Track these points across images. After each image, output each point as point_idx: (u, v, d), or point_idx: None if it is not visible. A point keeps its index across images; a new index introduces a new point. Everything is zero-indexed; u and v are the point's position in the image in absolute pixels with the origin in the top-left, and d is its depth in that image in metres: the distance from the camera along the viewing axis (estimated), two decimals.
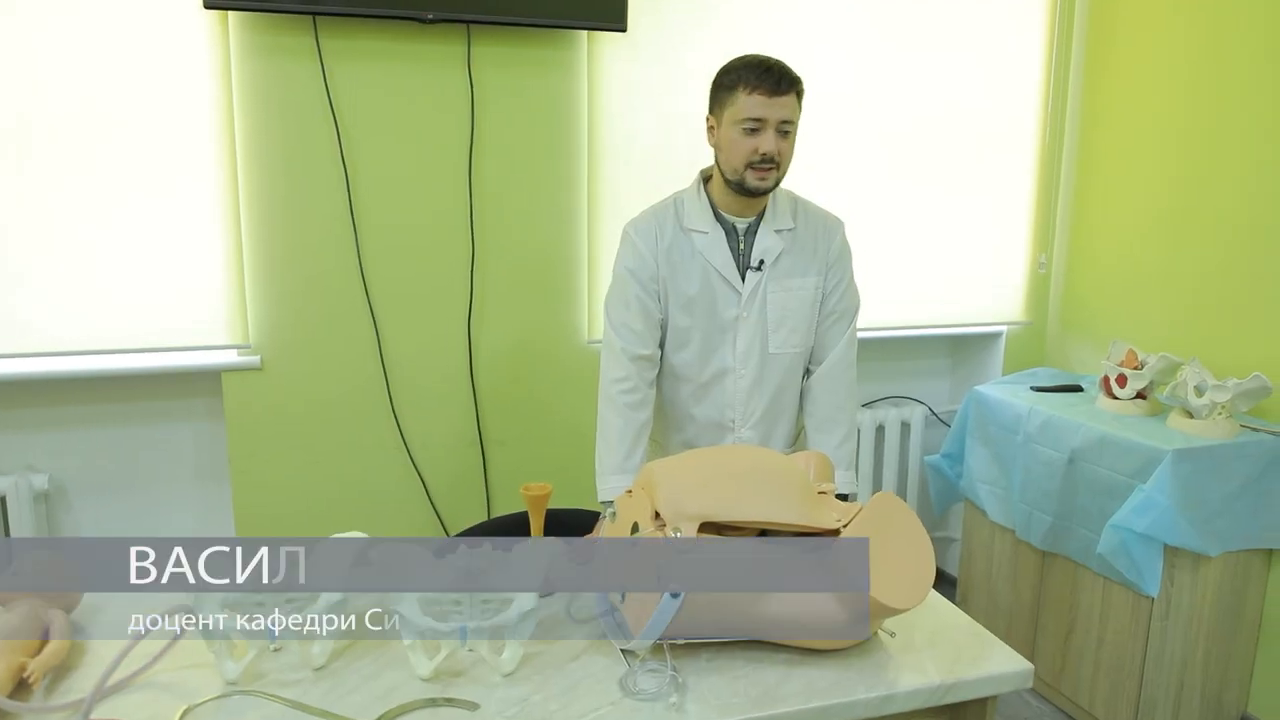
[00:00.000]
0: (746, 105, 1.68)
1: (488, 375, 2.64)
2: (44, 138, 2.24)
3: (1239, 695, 2.51)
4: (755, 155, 1.69)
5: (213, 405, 2.54)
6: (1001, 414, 2.75)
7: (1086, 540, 2.45)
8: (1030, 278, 3.20)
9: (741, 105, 1.69)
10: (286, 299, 2.45)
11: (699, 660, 1.29)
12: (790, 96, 1.69)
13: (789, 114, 1.70)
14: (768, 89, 1.67)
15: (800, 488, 1.32)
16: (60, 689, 1.20)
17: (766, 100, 1.67)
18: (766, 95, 1.67)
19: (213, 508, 2.61)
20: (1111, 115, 2.94)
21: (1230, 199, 2.55)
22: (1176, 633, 2.35)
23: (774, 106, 1.68)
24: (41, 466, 2.45)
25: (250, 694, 1.19)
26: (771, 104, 1.68)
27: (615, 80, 2.63)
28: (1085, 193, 3.06)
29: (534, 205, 2.61)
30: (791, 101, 1.70)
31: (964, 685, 1.27)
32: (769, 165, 1.70)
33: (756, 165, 1.70)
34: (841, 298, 1.88)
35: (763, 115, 1.68)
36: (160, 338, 2.39)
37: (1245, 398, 2.33)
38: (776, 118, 1.69)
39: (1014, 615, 2.79)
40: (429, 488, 2.64)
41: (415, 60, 2.44)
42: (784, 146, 1.71)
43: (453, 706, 1.17)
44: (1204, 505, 2.28)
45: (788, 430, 1.93)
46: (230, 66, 2.33)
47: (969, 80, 2.98)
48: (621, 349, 1.82)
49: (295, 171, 2.40)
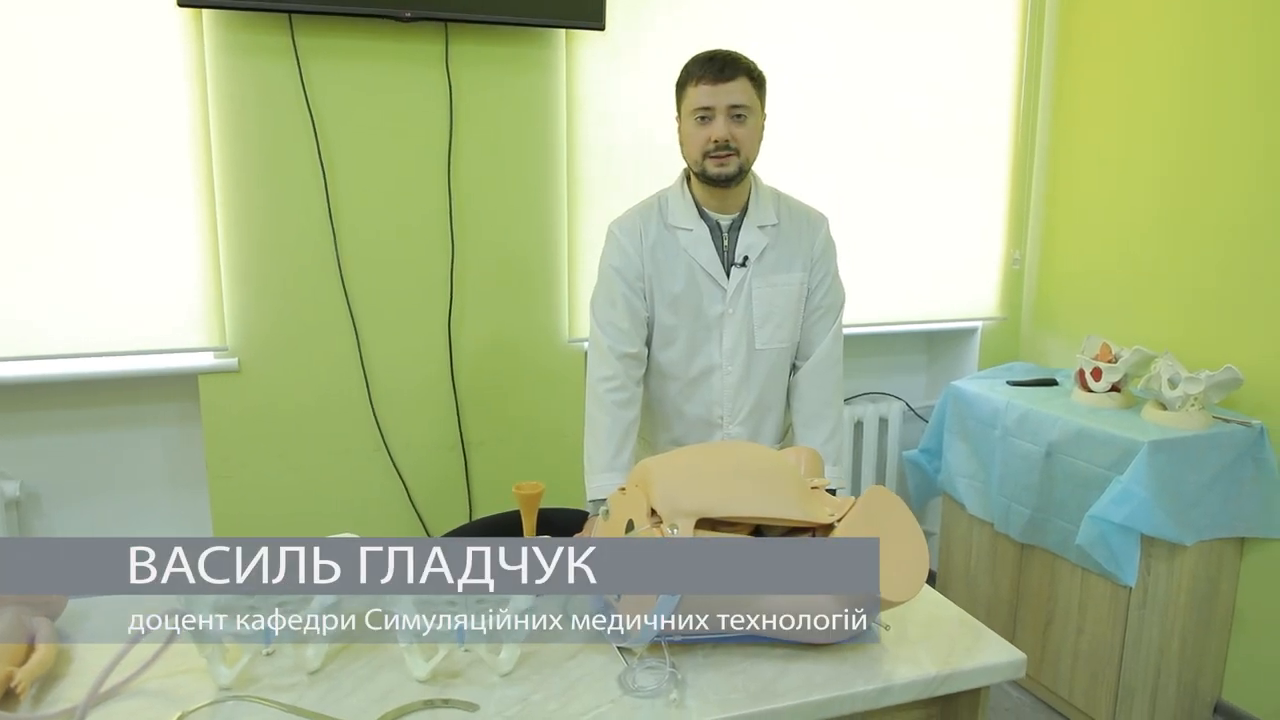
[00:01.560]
0: (695, 96, 1.73)
1: (468, 376, 2.63)
2: (13, 139, 2.19)
3: (1214, 682, 2.56)
4: (709, 143, 1.73)
5: (189, 409, 2.51)
6: (979, 408, 2.78)
7: (1064, 532, 2.49)
8: (1005, 274, 3.23)
9: (691, 97, 1.74)
10: (264, 300, 2.42)
11: (696, 657, 1.29)
12: (738, 82, 1.72)
13: (739, 99, 1.72)
14: (712, 77, 1.71)
15: (794, 483, 1.33)
16: (48, 698, 1.18)
17: (712, 88, 1.71)
18: (711, 83, 1.71)
19: (189, 513, 2.57)
20: (1082, 113, 2.99)
21: (1201, 195, 2.60)
22: (1153, 622, 2.39)
23: (720, 93, 1.71)
24: (13, 473, 2.40)
25: (245, 699, 1.17)
26: (717, 90, 1.71)
27: (593, 79, 2.63)
28: (1057, 190, 3.11)
29: (513, 204, 2.60)
30: (740, 86, 1.72)
31: (959, 676, 1.28)
32: (726, 152, 1.73)
33: (712, 153, 1.73)
34: (827, 293, 1.89)
35: (710, 103, 1.71)
36: (135, 341, 2.35)
37: (1217, 389, 2.37)
38: (725, 103, 1.71)
39: (993, 607, 2.82)
40: (410, 490, 2.62)
41: (393, 59, 2.42)
42: (740, 132, 1.73)
43: (451, 708, 1.16)
44: (1179, 495, 2.32)
45: (775, 426, 1.94)
46: (205, 66, 2.29)
47: (942, 80, 3.02)
48: (608, 347, 1.82)
49: (272, 171, 2.37)
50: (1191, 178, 2.62)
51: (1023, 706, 2.69)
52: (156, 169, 2.31)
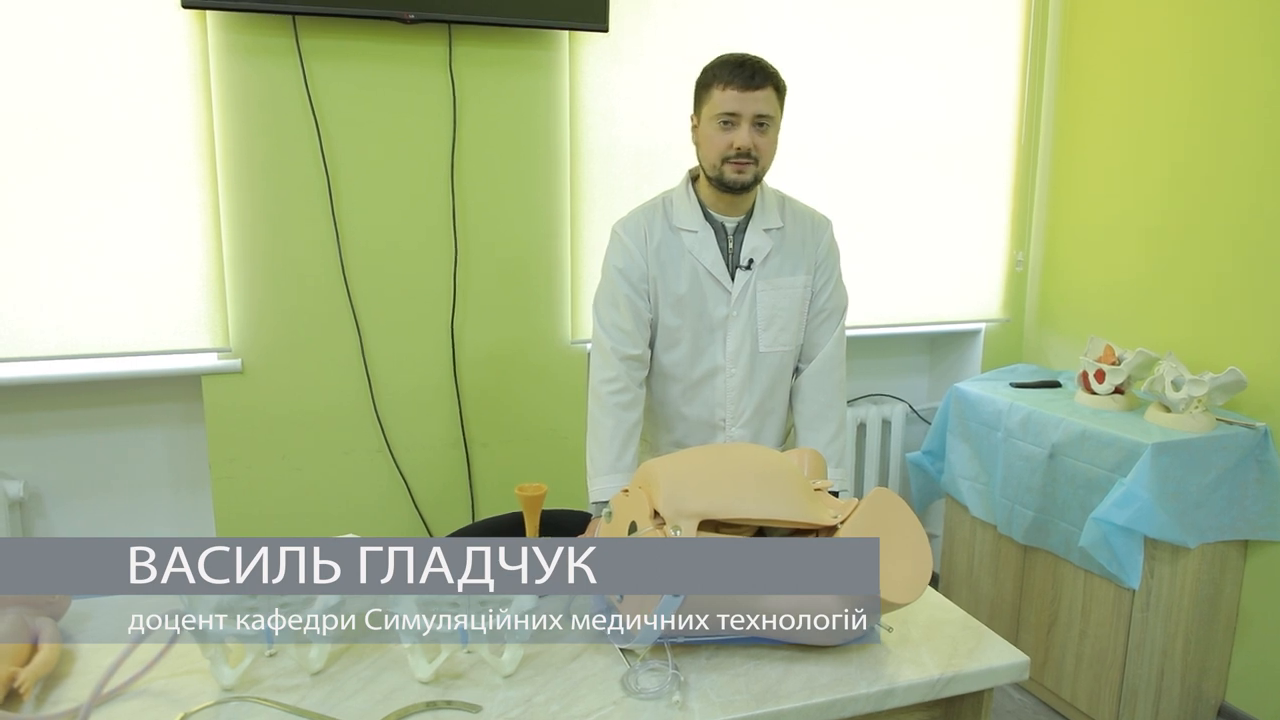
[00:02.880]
0: (721, 101, 1.72)
1: (471, 377, 2.63)
2: (16, 140, 2.20)
3: (1217, 685, 2.55)
4: (730, 150, 1.72)
5: (192, 410, 2.51)
6: (982, 410, 2.78)
7: (1067, 534, 2.48)
8: (1008, 275, 3.23)
9: (717, 101, 1.72)
10: (268, 301, 2.42)
11: (699, 658, 1.29)
12: (765, 91, 1.71)
13: (764, 109, 1.71)
14: (741, 84, 1.70)
15: (798, 484, 1.33)
16: (51, 698, 1.18)
17: (740, 95, 1.70)
18: (740, 90, 1.70)
19: (192, 514, 2.57)
20: (1086, 114, 2.99)
21: (1205, 196, 2.59)
22: (1157, 624, 2.38)
23: (747, 101, 1.70)
24: (16, 473, 2.40)
25: (247, 700, 1.17)
26: (745, 98, 1.70)
27: (597, 81, 2.63)
28: (1061, 191, 3.11)
29: (516, 206, 2.60)
30: (767, 96, 1.71)
31: (962, 678, 1.28)
32: (746, 160, 1.72)
33: (733, 159, 1.73)
34: (830, 296, 1.89)
35: (736, 110, 1.70)
36: (139, 341, 2.35)
37: (1221, 391, 2.37)
38: (750, 112, 1.71)
39: (996, 610, 2.82)
40: (413, 491, 2.62)
41: (396, 60, 2.42)
42: (761, 141, 1.73)
43: (454, 709, 1.16)
44: (1182, 498, 2.31)
45: (778, 429, 1.93)
46: (209, 67, 2.30)
47: (946, 82, 3.02)
48: (611, 349, 1.82)
49: (276, 172, 2.38)
50: (1195, 179, 2.62)
51: (1025, 709, 2.68)
52: (160, 170, 2.31)
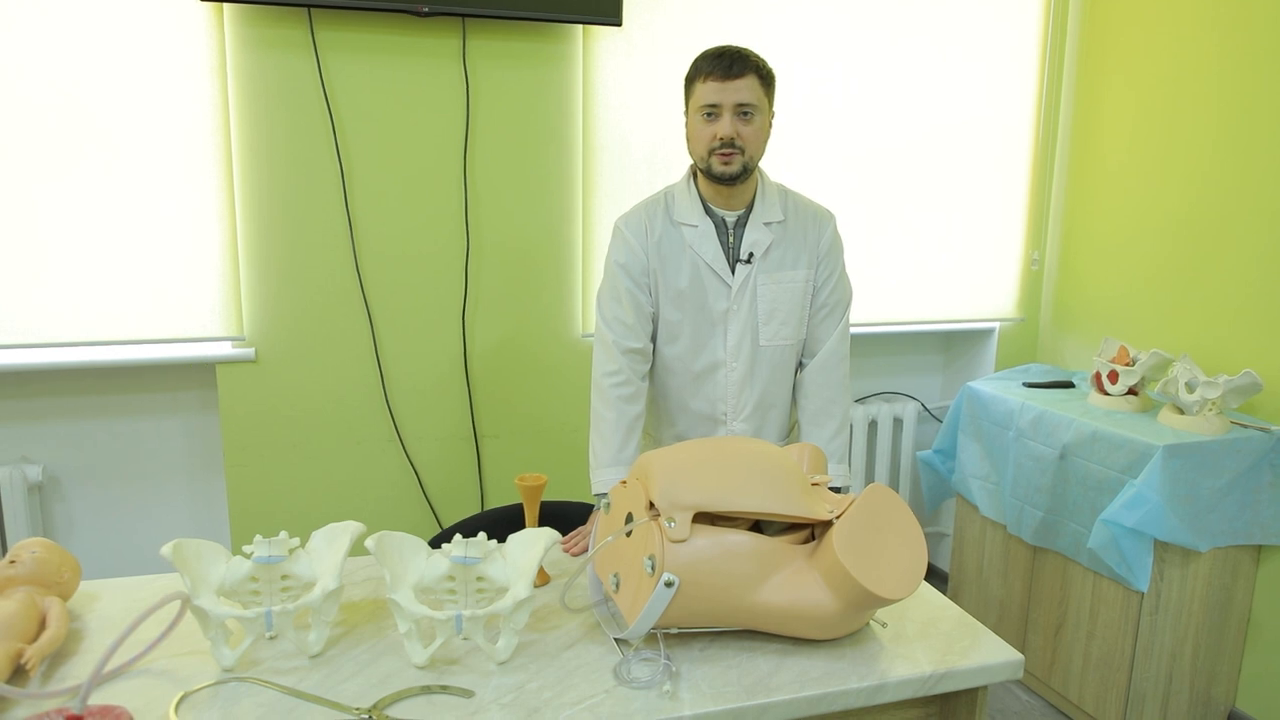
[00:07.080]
0: (703, 93, 1.72)
1: (482, 369, 2.65)
2: (37, 131, 2.24)
3: (1227, 690, 2.53)
4: (714, 140, 1.72)
5: (207, 398, 2.55)
6: (994, 410, 2.76)
7: (1077, 535, 2.47)
8: (1023, 275, 3.21)
9: (699, 94, 1.73)
10: (282, 292, 2.45)
11: (692, 649, 1.30)
12: (746, 79, 1.70)
13: (746, 97, 1.71)
14: (720, 74, 1.70)
15: (794, 479, 1.33)
16: (57, 675, 1.21)
17: (720, 85, 1.70)
18: (719, 80, 1.70)
19: (206, 500, 2.61)
20: (1104, 114, 2.96)
21: (1223, 198, 2.57)
22: (1166, 628, 2.37)
23: (727, 91, 1.70)
24: (35, 458, 2.45)
25: (246, 680, 1.19)
26: (725, 88, 1.70)
27: (610, 74, 2.64)
28: (1078, 191, 3.08)
29: (529, 199, 2.61)
30: (749, 84, 1.71)
31: (955, 675, 1.28)
32: (731, 150, 1.72)
33: (718, 150, 1.73)
34: (833, 291, 1.88)
35: (717, 100, 1.71)
36: (155, 330, 2.39)
37: (1236, 394, 2.34)
38: (731, 101, 1.70)
39: (1005, 610, 2.81)
40: (423, 481, 2.64)
41: (411, 53, 2.44)
42: (745, 130, 1.73)
43: (448, 694, 1.18)
44: (1194, 501, 2.29)
45: (781, 423, 1.93)
46: (225, 59, 2.33)
47: (964, 79, 3.00)
48: (613, 342, 1.83)
49: (290, 164, 2.41)
50: (1213, 181, 2.59)
51: (1032, 710, 2.67)
52: (177, 161, 2.35)
